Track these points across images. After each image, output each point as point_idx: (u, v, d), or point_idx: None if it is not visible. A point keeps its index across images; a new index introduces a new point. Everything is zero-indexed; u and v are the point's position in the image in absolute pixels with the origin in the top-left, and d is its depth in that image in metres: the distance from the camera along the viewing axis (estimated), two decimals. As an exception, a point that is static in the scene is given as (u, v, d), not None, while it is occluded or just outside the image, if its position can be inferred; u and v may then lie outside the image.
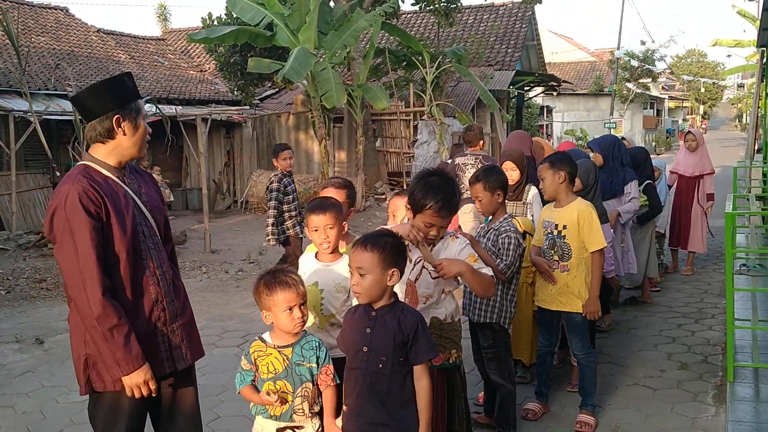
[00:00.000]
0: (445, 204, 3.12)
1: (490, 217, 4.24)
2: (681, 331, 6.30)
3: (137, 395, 2.76)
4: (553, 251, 4.37)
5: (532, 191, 5.22)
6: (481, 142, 7.36)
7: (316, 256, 3.38)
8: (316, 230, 3.27)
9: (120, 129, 2.78)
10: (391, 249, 2.74)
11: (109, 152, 2.82)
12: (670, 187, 8.59)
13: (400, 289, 3.14)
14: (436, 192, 3.11)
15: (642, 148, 7.45)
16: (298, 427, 2.93)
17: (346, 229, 3.46)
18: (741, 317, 5.57)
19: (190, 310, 3.08)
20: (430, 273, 3.20)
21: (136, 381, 2.73)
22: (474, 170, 5.42)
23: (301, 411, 2.90)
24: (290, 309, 2.84)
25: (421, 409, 2.74)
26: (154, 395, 2.81)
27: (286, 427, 2.92)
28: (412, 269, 3.20)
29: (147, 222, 2.90)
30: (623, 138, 8.67)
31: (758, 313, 5.79)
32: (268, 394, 2.84)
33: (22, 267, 9.74)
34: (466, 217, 6.52)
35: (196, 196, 16.65)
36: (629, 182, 6.18)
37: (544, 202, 4.92)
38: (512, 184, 5.02)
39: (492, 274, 3.23)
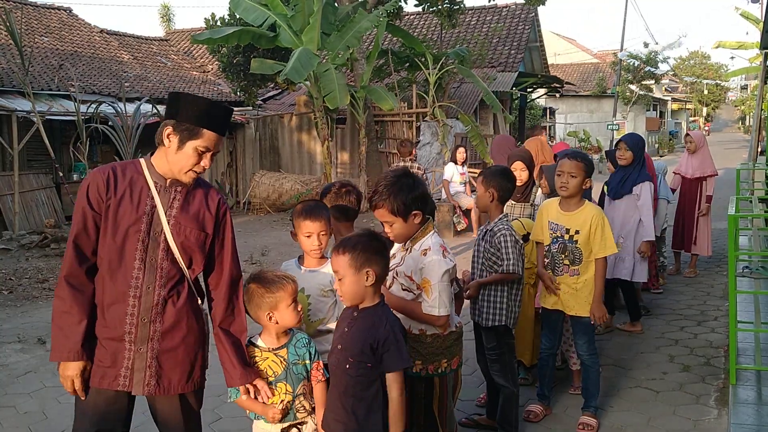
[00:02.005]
0: (376, 197, 3.16)
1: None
2: (683, 333, 6.29)
3: (65, 388, 2.77)
4: (563, 255, 4.34)
5: (539, 192, 5.22)
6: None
7: (298, 262, 3.35)
8: (309, 236, 3.23)
9: (168, 139, 2.73)
10: (361, 249, 2.72)
11: (160, 158, 2.79)
12: (674, 190, 8.58)
13: None
14: (381, 189, 3.16)
15: None
16: (300, 423, 2.97)
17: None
18: (744, 320, 5.56)
19: (180, 343, 2.82)
20: (401, 283, 3.23)
21: (62, 372, 2.75)
22: None
23: (302, 408, 2.96)
24: (294, 302, 2.90)
25: (391, 420, 2.73)
26: (82, 397, 2.79)
27: (290, 426, 2.96)
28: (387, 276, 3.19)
29: (159, 236, 2.77)
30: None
31: (761, 316, 5.77)
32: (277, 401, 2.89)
33: (24, 267, 9.75)
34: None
35: (199, 197, 16.65)
36: (639, 184, 5.92)
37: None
38: (521, 185, 5.01)
39: (428, 311, 3.19)
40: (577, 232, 4.29)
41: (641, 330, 6.28)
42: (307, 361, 2.96)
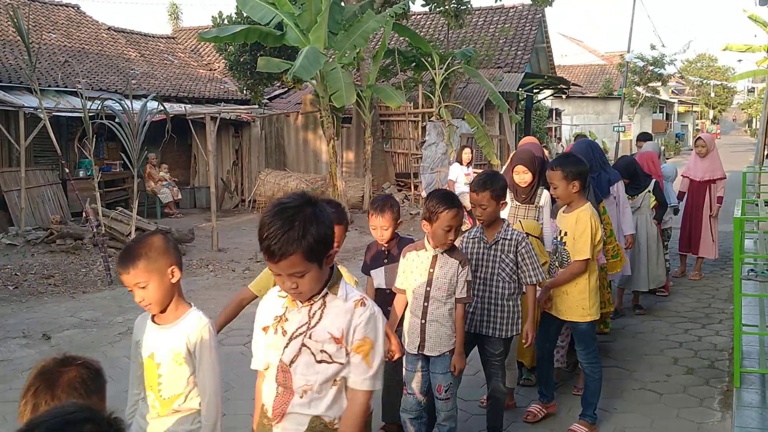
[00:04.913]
0: (280, 243, 2.10)
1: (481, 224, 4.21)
2: (688, 335, 6.28)
3: None
4: (555, 257, 4.36)
5: (544, 195, 5.20)
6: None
7: (153, 318, 2.58)
8: (131, 290, 2.48)
9: None
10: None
11: None
12: (682, 193, 8.60)
13: (270, 375, 2.34)
14: (280, 229, 2.11)
15: (631, 157, 7.48)
16: None
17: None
18: (748, 323, 5.55)
19: None
20: (318, 352, 2.25)
21: None
22: None
23: None
24: None
25: None
26: None
27: None
28: (287, 346, 2.28)
29: None
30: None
31: (766, 319, 5.75)
32: None
33: (30, 263, 9.79)
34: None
35: (204, 195, 16.70)
36: (614, 183, 5.98)
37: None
38: (525, 187, 5.00)
39: (369, 387, 2.27)
40: (565, 233, 4.28)
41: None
42: None
